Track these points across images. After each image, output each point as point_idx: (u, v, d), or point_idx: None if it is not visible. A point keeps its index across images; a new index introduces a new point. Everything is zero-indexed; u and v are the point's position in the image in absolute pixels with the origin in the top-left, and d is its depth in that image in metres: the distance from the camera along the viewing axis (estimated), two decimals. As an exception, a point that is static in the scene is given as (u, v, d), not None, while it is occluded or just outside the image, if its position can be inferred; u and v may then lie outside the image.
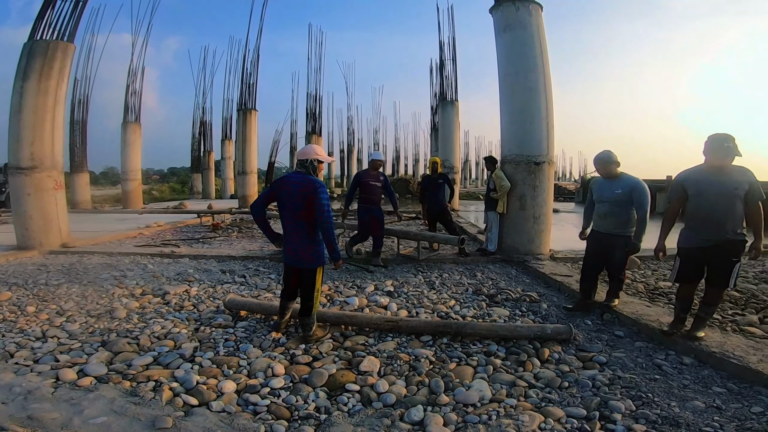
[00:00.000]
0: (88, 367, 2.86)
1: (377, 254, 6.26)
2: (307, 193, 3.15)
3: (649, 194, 3.75)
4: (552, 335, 3.38)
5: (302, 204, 3.17)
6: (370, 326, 3.63)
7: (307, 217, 3.20)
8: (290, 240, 3.30)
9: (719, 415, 2.32)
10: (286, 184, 3.25)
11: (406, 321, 3.65)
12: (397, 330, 3.56)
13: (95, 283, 5.10)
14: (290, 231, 3.28)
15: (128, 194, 17.05)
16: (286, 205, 3.24)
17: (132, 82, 17.14)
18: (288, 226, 3.28)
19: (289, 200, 3.21)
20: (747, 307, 4.16)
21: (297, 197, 3.17)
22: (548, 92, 6.52)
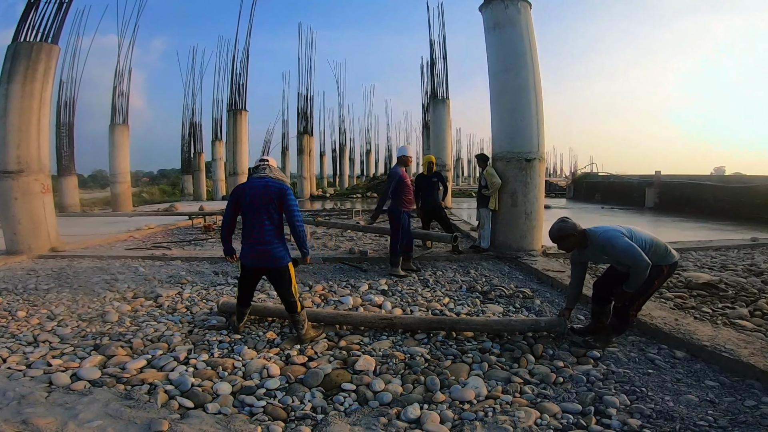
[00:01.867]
0: (81, 371, 2.82)
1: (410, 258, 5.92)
2: (277, 195, 3.24)
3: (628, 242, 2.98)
4: (546, 328, 3.40)
5: (272, 205, 3.23)
6: (364, 325, 3.63)
7: (275, 217, 3.26)
8: (257, 241, 3.27)
9: (713, 408, 2.35)
10: (251, 188, 3.28)
11: (401, 318, 3.66)
12: (392, 327, 3.57)
13: (86, 287, 5.04)
14: (257, 232, 3.26)
15: (117, 197, 16.86)
16: (253, 207, 3.25)
17: (119, 83, 16.96)
18: (255, 227, 3.26)
19: (256, 202, 3.24)
20: (737, 300, 4.22)
21: (266, 199, 3.23)
22: (538, 89, 6.56)
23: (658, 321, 3.51)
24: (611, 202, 17.85)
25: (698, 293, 4.48)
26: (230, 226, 3.42)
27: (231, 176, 16.85)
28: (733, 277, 5.05)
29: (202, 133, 28.31)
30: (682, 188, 14.84)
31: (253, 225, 3.27)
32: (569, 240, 3.14)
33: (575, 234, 3.11)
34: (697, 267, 5.77)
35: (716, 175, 19.76)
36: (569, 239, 3.13)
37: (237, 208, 3.33)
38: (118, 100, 16.76)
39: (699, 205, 13.28)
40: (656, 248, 3.06)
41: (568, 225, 3.11)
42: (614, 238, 3.00)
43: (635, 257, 2.92)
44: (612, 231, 3.06)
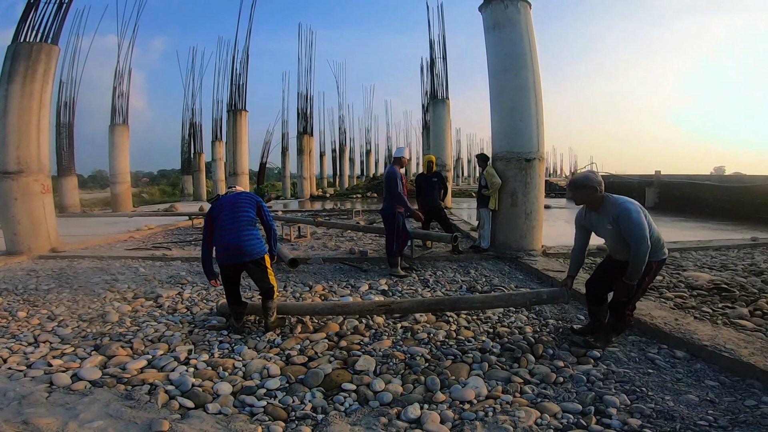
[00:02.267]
0: (81, 371, 2.83)
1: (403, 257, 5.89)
2: (254, 201, 3.58)
3: (643, 219, 2.91)
4: (548, 300, 3.31)
5: (244, 206, 3.50)
6: (362, 313, 3.61)
7: (248, 214, 3.50)
8: (232, 238, 3.41)
9: (713, 408, 2.35)
10: (222, 199, 3.59)
11: (399, 303, 3.59)
12: (390, 313, 3.52)
13: (86, 287, 5.04)
14: (233, 230, 3.43)
15: (117, 197, 16.88)
16: (225, 210, 3.48)
17: (119, 83, 16.97)
18: (231, 227, 3.43)
19: (227, 208, 3.49)
20: (737, 300, 4.22)
21: (237, 203, 3.50)
22: (538, 89, 6.56)
23: (659, 321, 3.51)
24: (611, 202, 17.83)
25: (698, 293, 4.48)
26: (209, 246, 3.57)
27: (231, 176, 16.80)
28: (734, 277, 5.05)
29: (202, 134, 28.35)
30: (681, 188, 14.83)
31: (222, 227, 3.45)
32: (587, 192, 3.01)
33: (596, 189, 2.99)
34: (697, 267, 5.77)
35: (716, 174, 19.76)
36: (587, 191, 3.01)
37: (212, 225, 3.53)
38: (117, 101, 16.78)
39: (699, 205, 13.28)
40: (657, 240, 3.03)
41: (595, 178, 3.01)
42: (632, 211, 2.89)
43: (643, 236, 2.83)
44: (631, 203, 2.97)
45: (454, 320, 3.82)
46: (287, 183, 29.37)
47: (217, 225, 3.47)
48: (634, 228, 2.85)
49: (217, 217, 3.48)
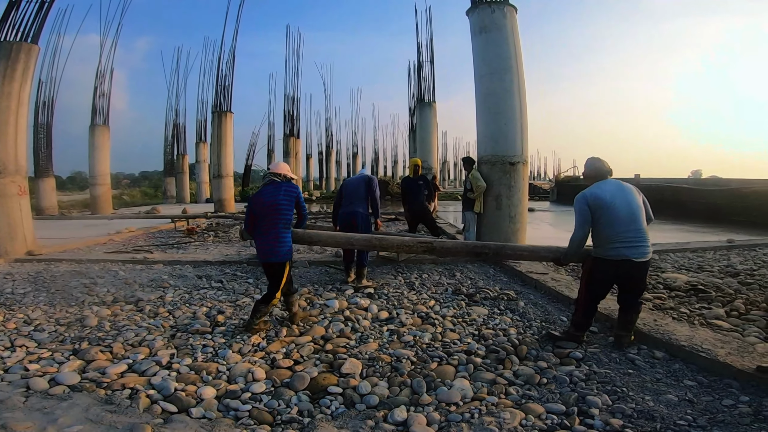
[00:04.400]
0: (59, 375, 2.77)
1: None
2: (293, 198, 3.70)
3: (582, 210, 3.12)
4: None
5: (286, 210, 3.65)
6: (402, 249, 3.64)
7: (287, 219, 3.67)
8: (267, 244, 3.64)
9: (692, 408, 2.40)
10: (266, 195, 3.68)
11: (441, 243, 3.60)
12: (431, 252, 3.61)
13: (64, 291, 4.92)
14: (270, 237, 3.64)
15: (97, 199, 16.49)
16: (266, 212, 3.64)
17: (100, 83, 16.59)
18: (269, 234, 3.63)
19: (271, 208, 3.62)
20: (714, 300, 4.33)
21: (281, 206, 3.63)
22: (522, 93, 6.67)
23: (638, 321, 3.57)
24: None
25: (676, 294, 4.59)
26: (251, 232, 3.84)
27: (215, 179, 16.63)
28: (710, 278, 5.19)
29: (186, 135, 27.97)
30: (660, 191, 15.16)
31: (261, 233, 3.69)
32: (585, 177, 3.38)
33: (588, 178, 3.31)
34: (675, 268, 5.91)
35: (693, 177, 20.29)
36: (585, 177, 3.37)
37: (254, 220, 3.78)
38: (98, 101, 16.42)
39: (677, 208, 13.60)
40: (606, 237, 3.07)
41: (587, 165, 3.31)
42: (576, 200, 3.16)
43: (576, 223, 3.15)
44: (581, 194, 3.16)
45: (440, 323, 3.84)
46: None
47: (257, 225, 3.70)
48: (575, 212, 3.17)
49: (257, 215, 3.69)
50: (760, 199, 11.01)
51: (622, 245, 3.05)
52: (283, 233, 3.65)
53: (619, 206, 3.05)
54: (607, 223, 3.05)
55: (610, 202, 3.05)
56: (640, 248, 3.07)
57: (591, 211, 3.07)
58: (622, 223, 3.04)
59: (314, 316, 4.03)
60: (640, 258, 3.08)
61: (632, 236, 3.05)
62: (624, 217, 3.04)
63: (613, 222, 3.04)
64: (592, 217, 3.08)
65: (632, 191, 3.16)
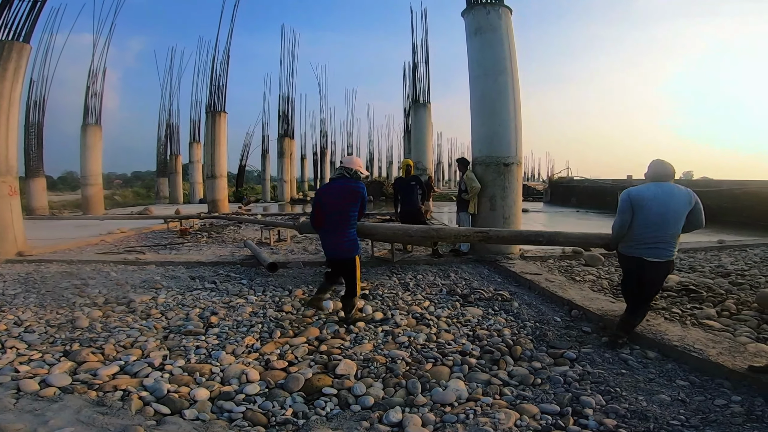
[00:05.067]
0: (50, 377, 2.74)
1: None
2: (358, 197, 3.78)
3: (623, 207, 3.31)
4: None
5: (352, 209, 3.77)
6: (457, 239, 3.94)
7: (353, 216, 3.80)
8: (332, 242, 3.82)
9: (684, 408, 2.42)
10: (332, 193, 3.83)
11: (497, 232, 3.77)
12: (488, 240, 3.88)
13: (54, 292, 4.86)
14: (335, 235, 3.79)
15: (88, 200, 16.31)
16: (332, 211, 3.77)
17: (92, 83, 16.41)
18: (335, 232, 3.78)
19: (337, 206, 3.75)
20: (705, 301, 4.37)
21: (347, 205, 3.74)
22: (516, 94, 6.69)
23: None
24: (586, 206, 18.26)
25: (668, 294, 4.63)
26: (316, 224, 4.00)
27: (209, 179, 16.53)
28: (701, 278, 5.23)
29: (179, 135, 27.79)
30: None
31: (327, 231, 3.85)
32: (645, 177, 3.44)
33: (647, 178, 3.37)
34: (667, 269, 5.95)
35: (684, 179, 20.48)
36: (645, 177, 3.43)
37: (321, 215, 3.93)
38: (90, 100, 16.25)
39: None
40: (632, 235, 3.25)
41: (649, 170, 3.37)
42: (622, 193, 3.32)
43: (617, 212, 3.31)
44: (630, 189, 3.31)
45: (435, 323, 3.84)
46: (267, 186, 29.05)
47: (324, 222, 3.83)
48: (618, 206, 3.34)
49: (324, 211, 3.80)
50: (750, 200, 11.15)
51: (639, 244, 3.22)
52: (350, 230, 3.80)
53: (653, 209, 3.16)
54: (637, 222, 3.21)
55: (647, 203, 3.18)
56: (654, 249, 3.18)
57: (632, 204, 3.22)
58: (648, 224, 3.17)
59: (308, 317, 4.03)
60: (651, 258, 3.18)
61: (651, 238, 3.18)
62: (652, 220, 3.16)
63: (642, 222, 3.19)
64: (632, 211, 3.22)
65: (679, 198, 3.18)
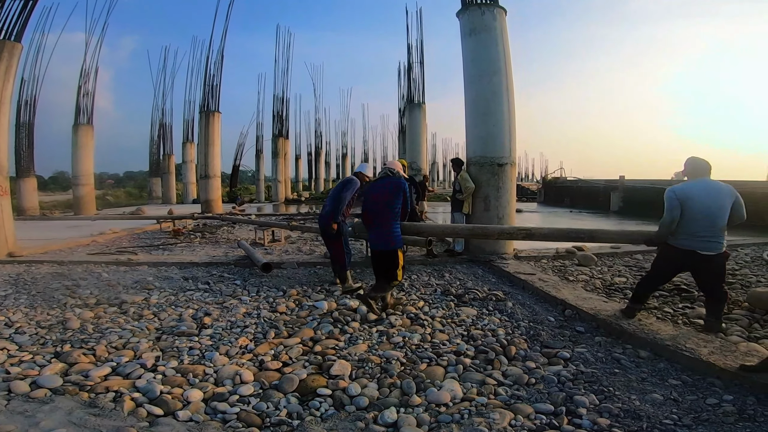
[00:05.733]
0: (41, 378, 2.71)
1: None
2: (401, 192, 4.12)
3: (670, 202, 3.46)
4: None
5: (396, 205, 4.08)
6: (501, 236, 4.31)
7: (396, 211, 4.11)
8: (377, 234, 4.15)
9: (677, 407, 2.43)
10: (376, 190, 4.22)
11: (539, 229, 3.89)
12: (530, 238, 4.02)
13: (45, 293, 4.81)
14: (379, 228, 4.13)
15: (80, 200, 16.16)
16: (377, 205, 4.15)
17: (84, 82, 16.27)
18: (379, 225, 4.12)
19: (382, 202, 4.11)
20: (696, 300, 4.41)
21: (391, 201, 4.07)
22: (510, 95, 6.72)
23: (623, 321, 3.63)
24: (579, 206, 18.38)
25: (660, 293, 4.66)
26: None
27: (202, 179, 16.43)
28: (691, 278, 5.27)
29: (172, 135, 27.63)
30: (644, 192, 15.43)
31: (373, 223, 4.20)
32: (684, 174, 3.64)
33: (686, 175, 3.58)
34: (659, 269, 6.00)
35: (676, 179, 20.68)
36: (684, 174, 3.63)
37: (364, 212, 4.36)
38: (82, 100, 16.11)
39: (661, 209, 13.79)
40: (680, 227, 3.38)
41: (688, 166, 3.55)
42: (667, 191, 3.51)
43: (665, 210, 3.47)
44: (674, 187, 3.48)
45: (429, 323, 3.85)
46: (261, 186, 28.95)
47: (370, 217, 4.17)
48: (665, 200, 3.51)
49: (370, 208, 4.17)
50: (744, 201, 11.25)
51: (693, 238, 3.35)
52: (394, 224, 4.09)
53: (703, 203, 3.32)
54: (686, 217, 3.34)
55: (694, 199, 3.33)
56: (708, 243, 3.32)
57: (679, 201, 3.37)
58: (698, 219, 3.31)
59: (302, 317, 4.01)
60: (705, 251, 3.33)
61: (704, 232, 3.31)
62: (703, 214, 3.31)
63: (692, 217, 3.32)
64: (681, 207, 3.36)
65: (721, 193, 3.35)
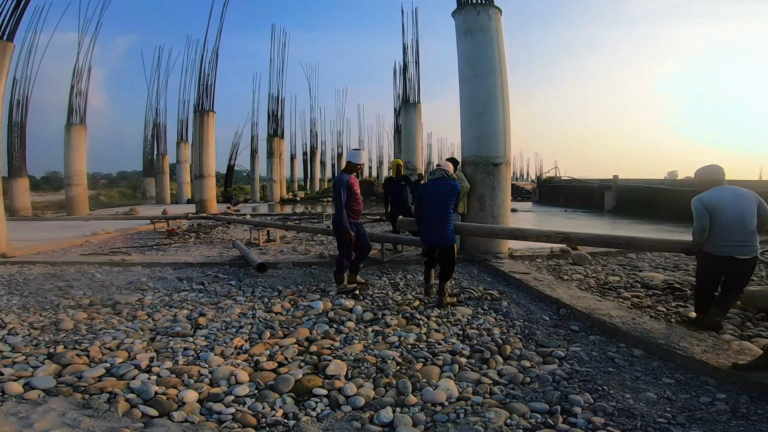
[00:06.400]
0: (34, 380, 2.69)
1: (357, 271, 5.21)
2: (454, 193, 4.36)
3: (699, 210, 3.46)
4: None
5: (449, 203, 4.32)
6: (541, 239, 4.48)
7: (450, 211, 4.35)
8: (433, 230, 4.36)
9: (670, 406, 2.45)
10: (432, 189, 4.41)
11: (577, 234, 4.34)
12: (567, 242, 4.35)
13: (37, 294, 4.77)
14: (435, 224, 4.34)
15: (72, 200, 16.04)
16: (432, 204, 4.35)
17: (77, 82, 16.15)
18: (435, 222, 4.33)
19: (437, 201, 4.32)
20: (689, 299, 4.45)
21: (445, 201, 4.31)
22: (505, 94, 6.74)
23: (617, 320, 3.65)
24: (574, 205, 18.49)
25: (653, 292, 4.71)
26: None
27: (197, 179, 16.36)
28: (685, 276, 5.33)
29: (166, 135, 27.50)
30: (638, 191, 15.56)
31: (429, 221, 4.41)
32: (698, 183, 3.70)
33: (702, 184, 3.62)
34: (652, 267, 6.06)
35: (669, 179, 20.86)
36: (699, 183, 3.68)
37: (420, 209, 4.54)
38: (75, 99, 15.98)
39: (654, 208, 13.96)
40: (714, 234, 3.38)
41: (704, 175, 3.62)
42: (693, 200, 3.52)
43: (695, 220, 3.48)
44: (701, 196, 3.50)
45: (425, 323, 3.85)
46: (256, 186, 28.85)
47: (425, 215, 4.41)
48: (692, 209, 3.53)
49: (426, 206, 4.39)
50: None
51: (729, 244, 3.36)
52: (449, 221, 4.32)
53: (729, 210, 3.35)
54: (718, 224, 3.37)
55: (722, 206, 3.36)
56: (744, 248, 3.35)
57: (706, 209, 3.40)
58: (730, 225, 3.34)
59: (298, 317, 4.01)
60: (743, 256, 3.37)
61: (739, 238, 3.34)
62: (733, 220, 3.34)
63: (723, 224, 3.35)
64: (709, 215, 3.39)
65: (746, 198, 3.41)
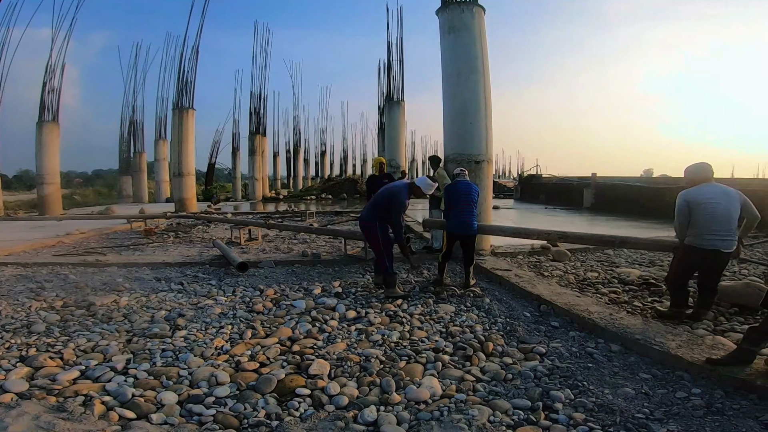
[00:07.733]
0: (6, 383, 2.61)
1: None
2: (477, 192, 5.13)
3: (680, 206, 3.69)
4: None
5: (476, 198, 5.04)
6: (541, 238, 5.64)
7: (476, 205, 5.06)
8: (466, 219, 4.94)
9: (648, 401, 2.50)
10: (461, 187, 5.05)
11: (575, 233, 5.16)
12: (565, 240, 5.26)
13: (8, 296, 4.60)
14: (467, 213, 4.95)
15: (45, 199, 15.49)
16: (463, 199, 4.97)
17: (50, 79, 15.59)
18: (466, 211, 4.94)
19: (467, 196, 4.98)
20: (664, 294, 4.56)
21: (473, 197, 5.02)
22: (488, 93, 6.80)
23: (595, 316, 3.72)
24: (554, 203, 18.79)
25: (630, 288, 4.82)
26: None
27: (176, 177, 16.01)
28: (660, 272, 5.47)
29: (144, 132, 26.82)
30: (615, 189, 15.91)
31: (461, 210, 4.95)
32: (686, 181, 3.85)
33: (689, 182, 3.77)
34: (628, 263, 6.21)
35: (645, 176, 21.40)
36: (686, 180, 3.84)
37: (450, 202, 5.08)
38: (47, 96, 15.44)
39: (630, 205, 14.28)
40: (693, 227, 3.57)
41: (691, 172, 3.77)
42: (678, 195, 3.71)
43: (675, 214, 3.74)
44: (685, 192, 3.68)
45: (408, 321, 3.86)
46: (238, 184, 28.44)
47: (455, 208, 4.96)
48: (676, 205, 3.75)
49: (457, 201, 4.96)
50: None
51: (713, 237, 3.52)
52: (475, 214, 5.02)
53: (720, 205, 3.51)
54: (703, 219, 3.53)
55: (706, 202, 3.53)
56: (727, 241, 3.52)
57: (689, 206, 3.60)
58: (717, 219, 3.50)
59: (280, 317, 3.96)
60: (725, 249, 3.54)
61: (724, 231, 3.50)
62: (720, 214, 3.50)
63: (709, 218, 3.51)
64: (689, 211, 3.60)
65: (730, 195, 3.57)
